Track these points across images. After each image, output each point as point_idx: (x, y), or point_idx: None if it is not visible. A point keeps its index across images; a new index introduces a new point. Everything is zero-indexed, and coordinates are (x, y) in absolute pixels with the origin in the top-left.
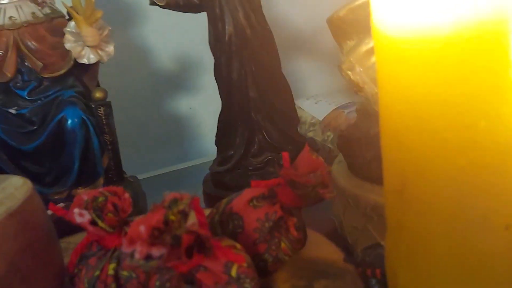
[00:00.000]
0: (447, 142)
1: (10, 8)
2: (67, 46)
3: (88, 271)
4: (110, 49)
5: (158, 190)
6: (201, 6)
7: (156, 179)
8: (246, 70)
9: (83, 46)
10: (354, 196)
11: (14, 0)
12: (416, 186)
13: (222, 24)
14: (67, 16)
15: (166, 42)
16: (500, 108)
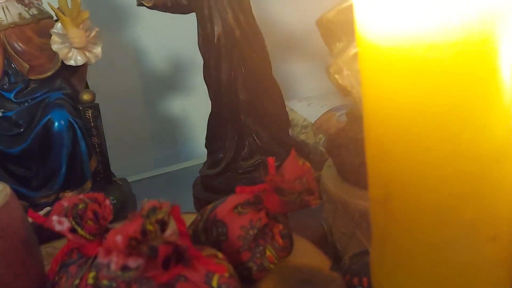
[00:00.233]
0: (431, 152)
1: None
2: (54, 47)
3: (68, 280)
4: (98, 50)
5: (149, 193)
6: (189, 7)
7: (147, 181)
8: (235, 72)
9: (70, 48)
10: (343, 202)
11: (1, 0)
12: (400, 196)
13: (210, 25)
14: (55, 17)
15: (158, 43)
16: (484, 118)
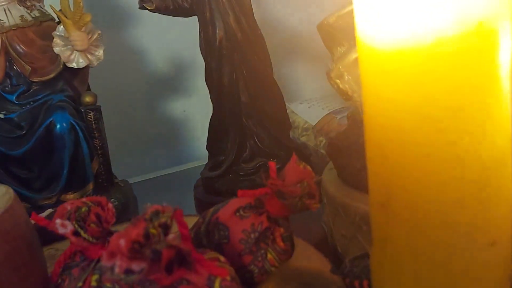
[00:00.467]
0: (431, 157)
1: None
2: (56, 50)
3: (71, 282)
4: (100, 53)
5: (150, 194)
6: (191, 10)
7: (148, 183)
8: (237, 75)
9: (72, 50)
10: (343, 205)
11: (3, 2)
12: (400, 201)
13: (212, 28)
14: (57, 19)
15: (160, 45)
16: (484, 124)
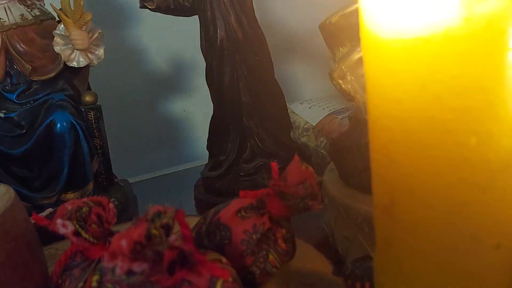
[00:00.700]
0: (437, 159)
1: None
2: (57, 49)
3: (72, 282)
4: (100, 52)
5: (150, 194)
6: (192, 9)
7: (148, 182)
8: (238, 75)
9: (73, 49)
10: (345, 206)
11: (3, 1)
12: (405, 203)
13: (213, 27)
14: (57, 18)
15: (160, 44)
16: (491, 125)
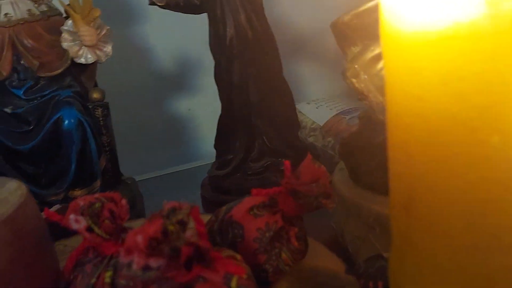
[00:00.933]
0: (458, 156)
1: (5, 5)
2: (64, 45)
3: (84, 278)
4: (108, 49)
5: (156, 192)
6: (201, 7)
7: (154, 180)
8: (247, 74)
9: (81, 46)
10: (356, 205)
11: None
12: (424, 201)
13: (223, 26)
14: (64, 14)
15: (167, 42)
16: None
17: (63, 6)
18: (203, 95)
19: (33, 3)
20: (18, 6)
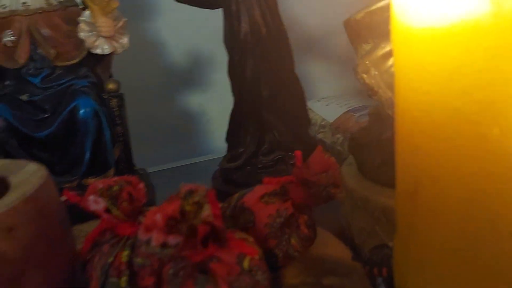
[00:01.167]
0: (460, 148)
1: None
2: (81, 35)
3: (101, 258)
4: (125, 41)
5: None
6: (217, 2)
7: (165, 173)
8: (259, 69)
9: (98, 37)
10: (363, 198)
11: None
12: (428, 190)
13: (237, 21)
14: (82, 5)
15: (179, 38)
16: None
17: None
18: (214, 91)
19: None
20: None
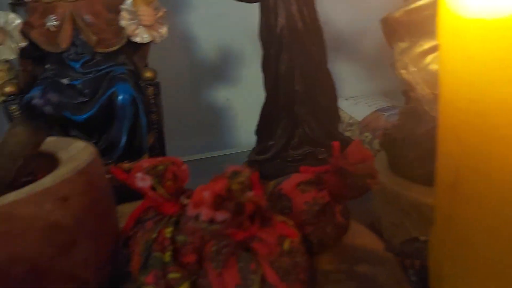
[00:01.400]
0: (505, 138)
1: None
2: (122, 23)
3: (145, 234)
4: (164, 30)
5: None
6: None
7: (191, 163)
8: (294, 63)
9: (138, 25)
10: (394, 193)
11: None
12: (469, 180)
13: (274, 15)
14: None
15: (210, 33)
16: None
17: None
18: (242, 87)
19: None
20: None
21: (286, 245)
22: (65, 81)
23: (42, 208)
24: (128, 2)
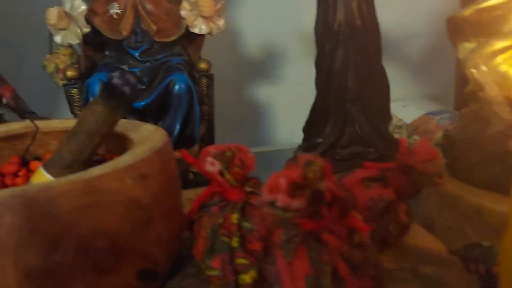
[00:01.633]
0: None
1: None
2: (183, 13)
3: (210, 218)
4: (221, 23)
5: None
6: None
7: None
8: (349, 60)
9: (197, 16)
10: (454, 196)
11: None
12: None
13: (333, 11)
14: None
15: (255, 29)
16: None
17: None
18: (283, 85)
19: None
20: None
21: (357, 238)
22: (125, 67)
23: (124, 184)
24: None
